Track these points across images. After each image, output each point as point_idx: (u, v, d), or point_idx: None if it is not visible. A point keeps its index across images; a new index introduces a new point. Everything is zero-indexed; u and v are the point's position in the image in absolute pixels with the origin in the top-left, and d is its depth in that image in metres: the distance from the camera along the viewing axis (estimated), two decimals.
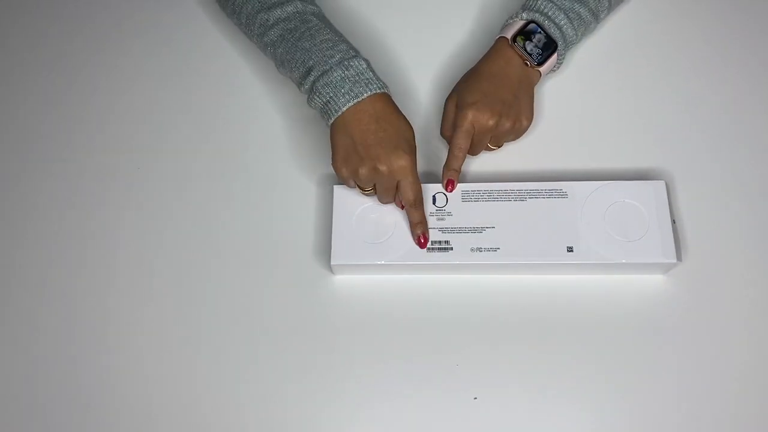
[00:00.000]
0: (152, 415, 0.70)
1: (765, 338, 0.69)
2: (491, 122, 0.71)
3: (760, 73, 0.80)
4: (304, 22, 0.74)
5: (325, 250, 0.74)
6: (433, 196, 0.72)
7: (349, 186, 0.71)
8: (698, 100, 0.80)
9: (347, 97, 0.69)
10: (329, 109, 0.70)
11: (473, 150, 0.74)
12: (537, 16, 0.73)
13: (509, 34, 0.74)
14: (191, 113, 0.83)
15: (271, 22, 0.75)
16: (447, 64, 0.83)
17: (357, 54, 0.71)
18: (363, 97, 0.69)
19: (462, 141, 0.71)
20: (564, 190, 0.71)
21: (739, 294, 0.71)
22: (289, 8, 0.75)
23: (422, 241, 0.70)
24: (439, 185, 0.72)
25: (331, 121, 0.70)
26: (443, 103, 0.76)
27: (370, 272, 0.72)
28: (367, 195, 0.72)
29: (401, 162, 0.67)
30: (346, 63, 0.70)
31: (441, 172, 0.73)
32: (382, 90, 0.70)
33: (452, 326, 0.71)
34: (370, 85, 0.69)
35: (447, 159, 0.72)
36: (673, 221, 0.69)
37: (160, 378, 0.71)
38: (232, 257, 0.76)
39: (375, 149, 0.67)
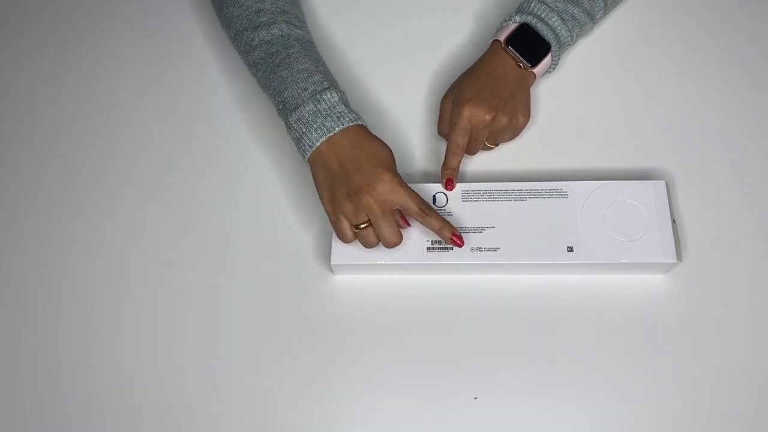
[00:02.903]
0: (153, 411, 0.70)
1: (766, 338, 0.68)
2: (488, 117, 0.71)
3: (761, 73, 0.81)
4: (286, 47, 0.73)
5: (325, 250, 0.74)
6: (434, 196, 0.72)
7: (341, 231, 0.68)
8: (699, 99, 0.80)
9: (319, 132, 0.68)
10: (303, 145, 0.69)
11: (471, 148, 0.74)
12: (530, 19, 0.74)
13: (502, 37, 0.74)
14: (193, 114, 0.83)
15: (255, 43, 0.74)
16: (445, 64, 0.83)
17: (330, 86, 0.70)
18: (335, 131, 0.68)
19: (459, 138, 0.71)
20: (564, 190, 0.71)
21: (740, 294, 0.70)
22: (274, 30, 0.74)
23: (457, 240, 0.68)
24: (439, 185, 0.72)
25: (307, 157, 0.69)
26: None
27: (370, 272, 0.72)
28: (362, 236, 0.68)
29: (387, 185, 0.66)
30: (318, 96, 0.69)
31: (440, 172, 0.73)
32: (355, 122, 0.69)
33: (452, 326, 0.71)
34: (342, 118, 0.68)
35: (445, 157, 0.72)
36: (673, 221, 0.69)
37: (161, 376, 0.71)
38: (233, 257, 0.76)
39: (355, 178, 0.66)
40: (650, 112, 0.79)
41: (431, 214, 0.67)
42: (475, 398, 0.68)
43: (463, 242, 0.68)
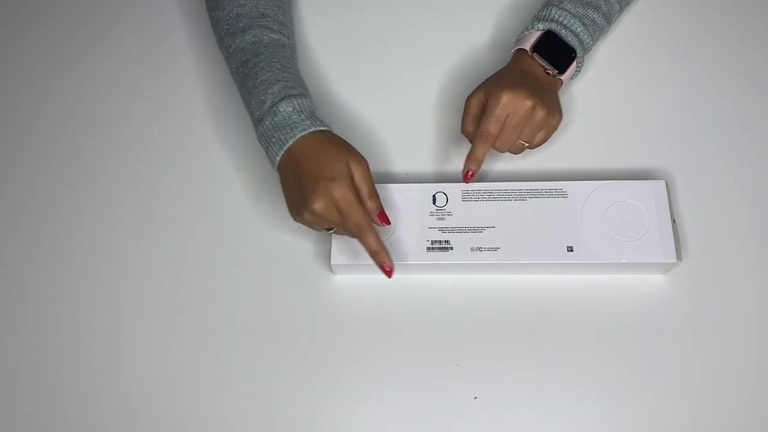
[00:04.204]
0: (154, 412, 0.70)
1: (766, 338, 0.68)
2: (529, 103, 0.68)
3: (762, 73, 0.80)
4: (255, 56, 0.72)
5: (325, 250, 0.74)
6: (433, 196, 0.72)
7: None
8: (699, 99, 0.80)
9: (277, 146, 0.68)
10: (269, 159, 0.70)
11: (504, 141, 0.70)
12: (554, 26, 0.73)
13: (528, 45, 0.73)
14: (194, 114, 0.83)
15: (232, 50, 0.74)
16: (453, 66, 0.83)
17: (285, 96, 0.69)
18: (290, 143, 0.67)
19: (492, 126, 0.68)
20: (564, 190, 0.71)
21: (739, 294, 0.70)
22: (248, 37, 0.73)
23: (386, 271, 0.67)
24: (439, 185, 0.72)
25: (275, 170, 0.70)
26: (458, 103, 0.73)
27: (370, 272, 0.72)
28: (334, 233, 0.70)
29: (330, 197, 0.64)
30: (274, 109, 0.69)
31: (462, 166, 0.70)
32: (309, 130, 0.68)
33: (452, 326, 0.71)
34: (295, 129, 0.67)
35: (472, 146, 0.69)
36: (673, 221, 0.69)
37: (162, 376, 0.71)
38: (233, 257, 0.76)
39: (304, 192, 0.65)
40: (650, 112, 0.79)
41: (367, 234, 0.65)
42: (475, 398, 0.68)
43: (391, 274, 0.67)
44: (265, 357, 0.71)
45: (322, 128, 0.68)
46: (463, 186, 0.72)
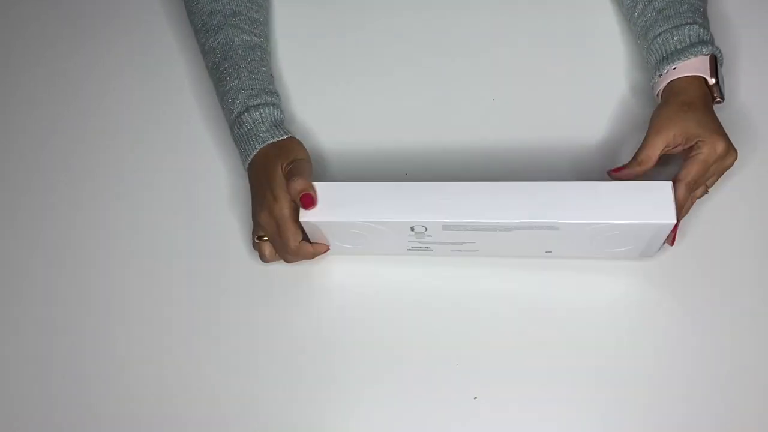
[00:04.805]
0: (145, 414, 0.71)
1: (765, 337, 0.68)
2: (733, 157, 0.66)
3: (762, 72, 0.77)
4: (225, 59, 0.73)
5: None
6: (411, 228, 0.65)
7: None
8: None
9: (244, 156, 0.71)
10: (242, 162, 0.73)
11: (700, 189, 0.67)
12: (713, 50, 0.68)
13: (705, 74, 0.67)
14: (193, 112, 0.82)
15: (205, 48, 0.75)
16: (460, 58, 0.80)
17: (250, 106, 0.71)
18: (251, 156, 0.70)
19: (701, 176, 0.65)
20: (556, 226, 0.62)
21: (738, 293, 0.69)
22: (220, 37, 0.74)
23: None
24: (415, 219, 0.65)
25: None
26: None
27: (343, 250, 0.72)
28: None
29: (257, 219, 0.69)
30: (239, 120, 0.71)
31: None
32: (267, 142, 0.69)
33: (452, 325, 0.71)
34: (256, 140, 0.70)
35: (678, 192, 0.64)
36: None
37: (154, 377, 0.72)
38: (229, 254, 0.76)
39: (253, 201, 0.70)
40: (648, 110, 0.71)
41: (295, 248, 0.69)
42: (475, 398, 0.70)
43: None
44: (262, 355, 0.72)
45: (281, 138, 0.70)
46: (444, 220, 0.64)
